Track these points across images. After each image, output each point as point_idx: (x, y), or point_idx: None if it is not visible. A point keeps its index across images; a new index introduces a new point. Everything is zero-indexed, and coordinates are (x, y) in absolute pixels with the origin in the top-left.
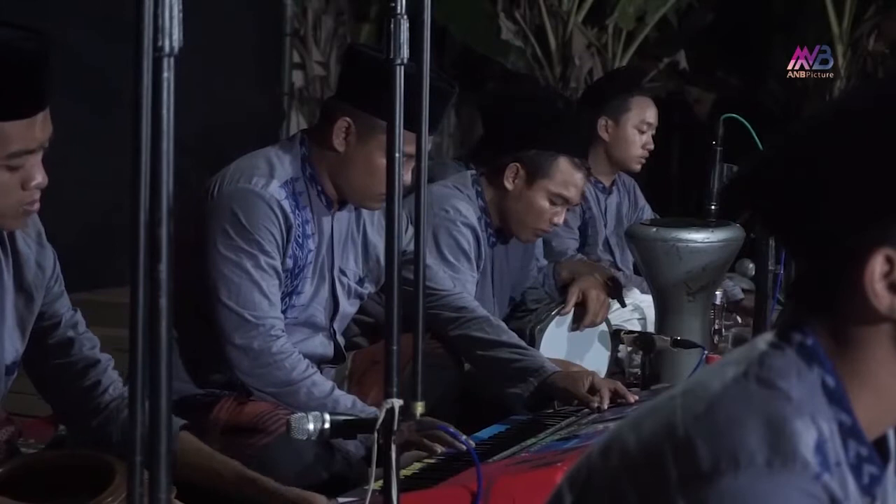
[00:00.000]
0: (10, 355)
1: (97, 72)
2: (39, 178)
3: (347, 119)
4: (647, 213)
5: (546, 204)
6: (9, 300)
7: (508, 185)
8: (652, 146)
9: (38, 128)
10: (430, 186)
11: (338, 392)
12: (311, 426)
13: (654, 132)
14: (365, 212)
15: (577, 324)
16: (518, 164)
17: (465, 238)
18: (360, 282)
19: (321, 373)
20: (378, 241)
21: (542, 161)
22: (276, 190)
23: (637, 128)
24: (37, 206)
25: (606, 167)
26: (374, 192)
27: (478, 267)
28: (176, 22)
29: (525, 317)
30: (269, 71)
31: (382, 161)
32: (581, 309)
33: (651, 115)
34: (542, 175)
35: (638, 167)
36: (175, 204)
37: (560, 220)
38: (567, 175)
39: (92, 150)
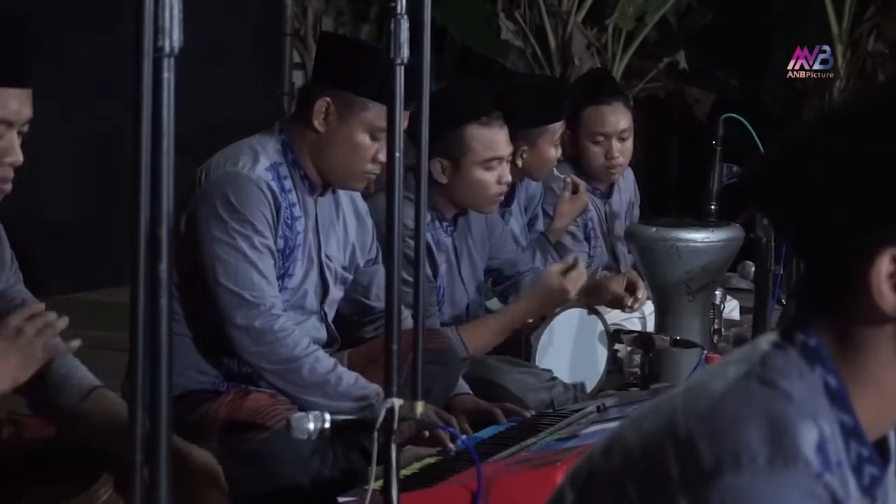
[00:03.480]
0: None
1: (98, 71)
2: (16, 156)
3: (327, 99)
4: (637, 209)
5: (484, 174)
6: None
7: (441, 178)
8: (617, 154)
9: (19, 101)
10: (376, 198)
11: (340, 368)
12: (311, 425)
13: (624, 138)
14: (343, 202)
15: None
16: (440, 160)
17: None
18: (344, 269)
19: None
20: (354, 233)
21: (452, 144)
22: (262, 172)
23: (589, 140)
24: (9, 185)
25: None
26: (357, 169)
27: (435, 276)
28: (176, 22)
29: (506, 288)
30: (269, 71)
31: (363, 138)
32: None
33: (605, 124)
34: (462, 153)
35: (612, 177)
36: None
37: (507, 177)
38: (482, 139)
39: (92, 150)
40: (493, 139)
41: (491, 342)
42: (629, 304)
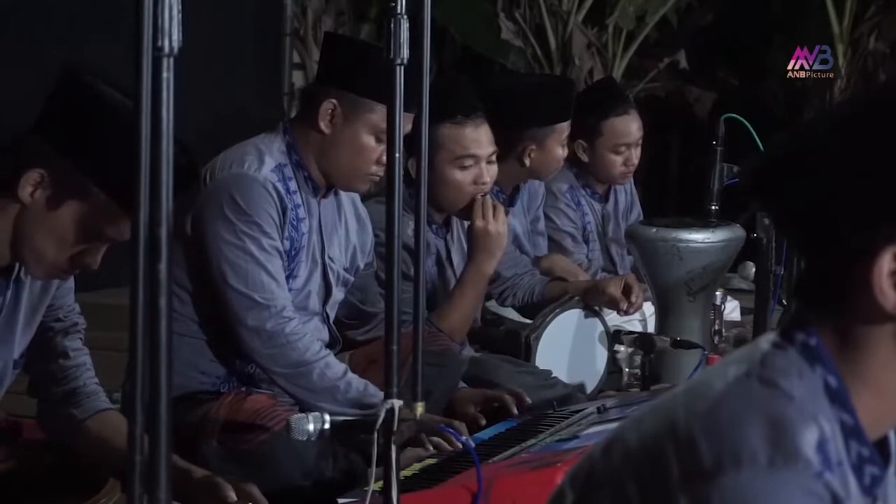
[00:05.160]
0: (19, 349)
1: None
2: (95, 266)
3: (333, 101)
4: (636, 213)
5: (457, 174)
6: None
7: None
8: (635, 161)
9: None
10: (372, 205)
11: (350, 375)
12: (310, 427)
13: (639, 144)
14: (345, 203)
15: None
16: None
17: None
18: (346, 270)
19: None
20: (354, 235)
21: (431, 142)
22: (268, 173)
23: (611, 150)
24: (68, 276)
25: (595, 179)
26: (362, 171)
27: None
28: (176, 22)
29: (503, 290)
30: (269, 71)
31: (368, 139)
32: (596, 299)
33: (627, 134)
34: (434, 152)
35: (624, 182)
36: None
37: (487, 176)
38: (454, 137)
39: None
40: (467, 137)
41: (463, 315)
42: (624, 307)
